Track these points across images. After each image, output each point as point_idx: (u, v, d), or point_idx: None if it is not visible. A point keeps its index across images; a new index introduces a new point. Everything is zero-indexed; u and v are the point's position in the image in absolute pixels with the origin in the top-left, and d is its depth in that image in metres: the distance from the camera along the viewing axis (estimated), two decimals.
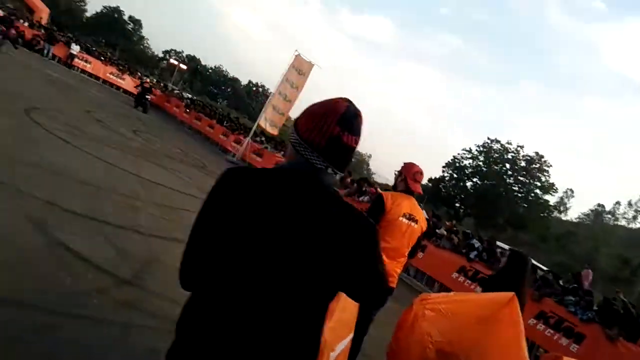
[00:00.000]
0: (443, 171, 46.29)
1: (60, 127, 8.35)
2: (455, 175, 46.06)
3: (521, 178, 43.73)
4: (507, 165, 44.36)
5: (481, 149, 45.80)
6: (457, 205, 44.90)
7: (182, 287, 1.22)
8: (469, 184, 45.60)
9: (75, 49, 24.30)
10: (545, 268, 12.01)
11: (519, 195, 43.56)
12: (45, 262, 3.39)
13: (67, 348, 2.59)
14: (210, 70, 72.64)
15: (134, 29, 65.59)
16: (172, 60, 61.64)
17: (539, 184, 42.88)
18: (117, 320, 3.09)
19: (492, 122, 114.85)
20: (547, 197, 42.87)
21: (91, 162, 7.09)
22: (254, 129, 19.61)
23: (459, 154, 46.89)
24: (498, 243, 12.00)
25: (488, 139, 45.93)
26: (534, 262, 6.87)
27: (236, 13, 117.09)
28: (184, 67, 56.24)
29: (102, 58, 26.84)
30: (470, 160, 46.03)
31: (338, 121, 1.16)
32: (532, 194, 42.94)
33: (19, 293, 2.85)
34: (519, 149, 44.10)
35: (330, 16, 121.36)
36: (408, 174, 3.35)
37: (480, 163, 45.51)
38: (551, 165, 42.86)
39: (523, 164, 43.80)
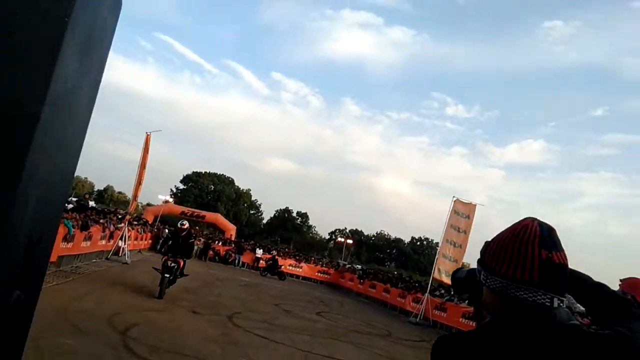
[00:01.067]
0: None
1: (257, 325, 9.11)
2: None
3: None
4: None
5: None
6: None
7: None
8: None
9: (259, 252, 28.01)
10: None
11: None
12: None
13: None
14: (373, 238, 75.79)
15: (302, 222, 74.20)
16: (338, 239, 66.65)
17: None
18: None
19: None
20: None
21: (289, 353, 7.36)
22: (430, 283, 18.87)
23: None
24: None
25: None
26: None
27: (386, 181, 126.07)
28: (350, 242, 59.90)
29: (281, 254, 30.23)
30: None
31: (540, 243, 1.01)
32: None
33: None
34: None
35: (476, 157, 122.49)
36: (638, 292, 2.76)
37: None
38: None
39: None
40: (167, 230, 27.12)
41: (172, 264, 9.85)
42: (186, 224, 10.79)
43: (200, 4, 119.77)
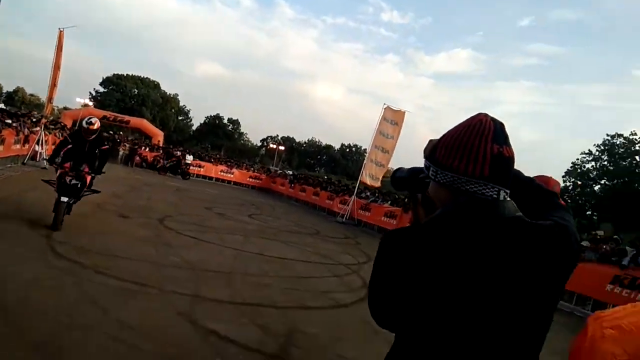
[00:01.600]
0: (564, 180, 42.34)
1: (189, 228, 9.27)
2: (579, 182, 41.82)
3: None
4: (637, 158, 39.26)
5: (602, 147, 41.30)
6: (589, 213, 40.31)
7: (376, 321, 1.17)
8: (597, 187, 40.97)
9: (189, 158, 27.43)
10: None
11: None
12: (201, 351, 3.62)
13: None
14: (304, 145, 76.61)
15: (234, 128, 72.52)
16: (270, 145, 66.65)
17: None
18: None
19: (606, 120, 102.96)
20: None
21: (220, 251, 7.68)
22: (357, 186, 19.89)
23: (577, 159, 42.87)
24: None
25: (607, 135, 41.34)
26: None
27: (319, 89, 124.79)
28: (281, 148, 60.18)
29: (211, 160, 29.87)
30: (593, 163, 41.70)
31: (493, 138, 1.04)
32: None
33: None
34: None
35: (407, 66, 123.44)
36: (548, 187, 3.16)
37: (605, 163, 40.90)
38: None
39: None
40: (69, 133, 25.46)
41: (74, 182, 6.63)
42: (96, 123, 6.90)
43: None
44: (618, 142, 40.93)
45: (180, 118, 69.15)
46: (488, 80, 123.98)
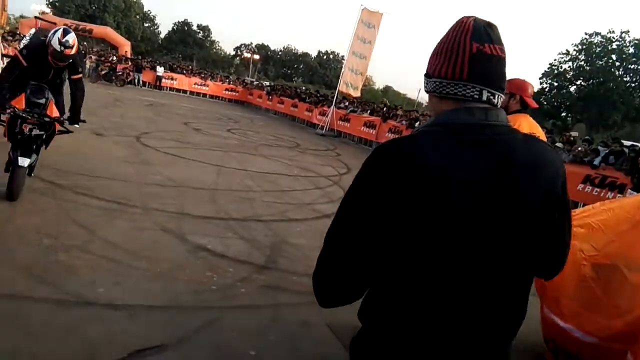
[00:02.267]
0: (541, 82, 42.44)
1: (167, 144, 9.11)
2: (555, 84, 41.96)
3: (632, 66, 38.60)
4: (614, 57, 39.27)
5: (580, 47, 40.89)
6: (564, 114, 41.13)
7: (322, 301, 1.04)
8: (572, 88, 41.36)
9: (160, 70, 26.20)
10: None
11: (633, 85, 38.51)
12: (192, 266, 3.73)
13: (231, 335, 2.83)
14: (280, 53, 73.62)
15: (205, 36, 68.59)
16: (245, 54, 63.75)
17: None
18: (266, 302, 3.33)
19: (584, 18, 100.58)
20: None
21: (202, 168, 7.65)
22: (335, 96, 19.56)
23: (555, 59, 42.67)
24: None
25: (586, 34, 40.75)
26: None
27: None
28: (256, 57, 57.77)
29: (184, 72, 28.61)
30: (570, 63, 41.57)
31: (472, 37, 1.00)
32: None
33: (177, 298, 3.18)
34: (624, 35, 38.97)
35: None
36: (523, 92, 3.18)
37: (582, 63, 40.83)
38: None
39: (631, 50, 38.58)
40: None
41: (36, 132, 4.37)
42: (74, 44, 4.37)
43: None
44: (596, 41, 40.60)
45: (147, 25, 64.74)
46: None
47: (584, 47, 40.76)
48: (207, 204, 5.58)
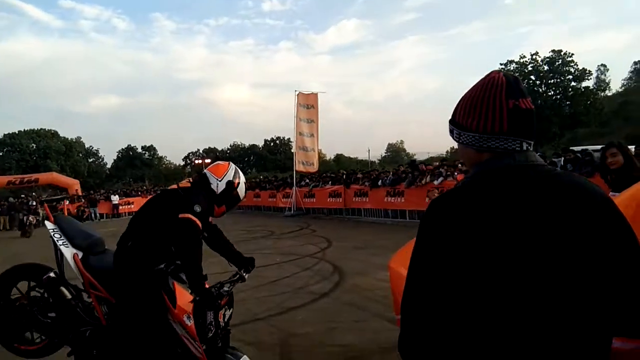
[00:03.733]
0: None
1: None
2: None
3: (552, 81, 42.48)
4: (532, 77, 42.98)
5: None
6: None
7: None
8: None
9: (115, 199, 25.87)
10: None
11: (558, 97, 42.20)
12: None
13: None
14: (228, 151, 75.08)
15: (151, 155, 69.31)
16: (195, 162, 64.55)
17: (570, 77, 41.82)
18: None
19: (495, 51, 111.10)
20: (585, 84, 42.13)
21: None
22: (294, 176, 19.87)
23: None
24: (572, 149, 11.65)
25: (500, 64, 44.57)
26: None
27: (224, 92, 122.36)
28: (207, 161, 58.53)
29: (139, 194, 28.39)
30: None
31: (507, 93, 1.05)
32: (570, 89, 41.76)
33: None
34: (535, 57, 43.25)
35: (302, 48, 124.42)
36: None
37: None
38: (573, 54, 41.98)
39: (546, 67, 42.67)
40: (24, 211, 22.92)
41: (228, 313, 2.95)
42: None
43: None
44: (512, 68, 44.24)
45: (91, 160, 64.91)
46: (379, 44, 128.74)
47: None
48: None
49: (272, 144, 75.00)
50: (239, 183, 2.91)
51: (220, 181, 2.83)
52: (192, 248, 2.53)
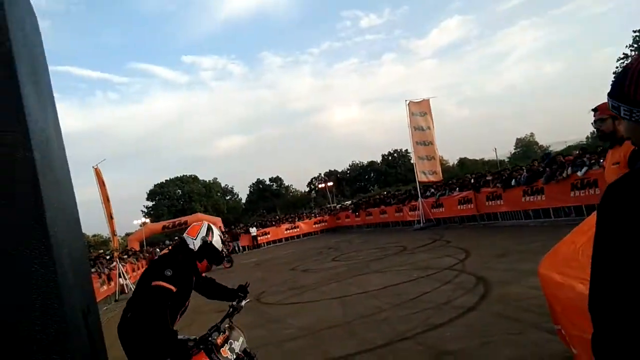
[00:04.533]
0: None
1: (285, 295, 9.26)
2: None
3: None
4: None
5: (636, 45, 38.64)
6: None
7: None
8: None
9: (253, 231, 28.04)
10: None
11: None
12: None
13: None
14: (348, 171, 76.69)
15: (279, 185, 74.22)
16: (319, 186, 67.26)
17: None
18: None
19: (625, 19, 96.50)
20: None
21: (326, 305, 7.55)
22: (418, 187, 19.43)
23: (616, 67, 40.27)
24: None
25: (634, 32, 38.69)
26: None
27: (335, 114, 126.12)
28: (330, 184, 60.58)
29: (273, 224, 30.37)
30: None
31: None
32: None
33: None
34: None
35: (406, 57, 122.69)
36: None
37: None
38: None
39: None
40: (158, 250, 26.72)
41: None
42: None
43: (70, 21, 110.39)
44: None
45: (228, 198, 71.53)
46: (486, 36, 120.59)
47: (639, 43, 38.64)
48: (347, 340, 5.35)
49: (390, 157, 74.75)
50: (212, 237, 3.11)
51: (195, 240, 3.05)
52: (158, 313, 2.68)
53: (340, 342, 5.34)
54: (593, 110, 3.12)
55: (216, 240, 3.12)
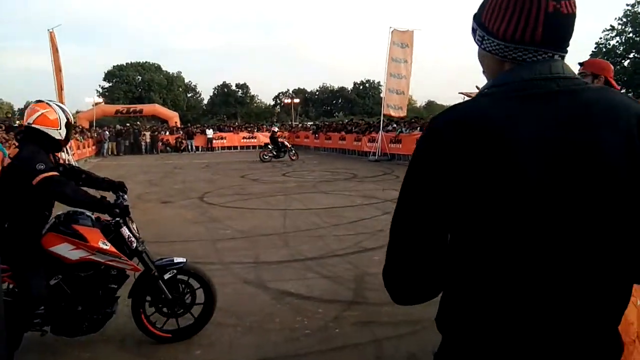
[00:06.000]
0: None
1: (230, 199, 9.32)
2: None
3: None
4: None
5: (624, 19, 38.61)
6: (624, 90, 38.58)
7: (396, 297, 0.92)
8: (626, 63, 38.92)
9: (210, 133, 27.51)
10: None
11: None
12: (280, 313, 3.61)
13: None
14: (317, 93, 75.29)
15: (244, 93, 71.81)
16: (284, 101, 65.82)
17: None
18: (365, 339, 3.12)
19: None
20: None
21: (268, 214, 7.68)
22: (381, 120, 19.45)
23: (600, 37, 40.47)
24: None
25: (627, 5, 38.43)
26: None
27: (315, 32, 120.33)
28: (296, 101, 59.40)
29: (232, 130, 29.84)
30: (618, 38, 39.28)
31: None
32: None
33: (274, 348, 3.05)
34: None
35: None
36: (608, 73, 2.88)
37: (630, 35, 38.46)
38: None
39: None
40: (107, 133, 25.70)
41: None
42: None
43: None
44: None
45: (190, 95, 68.88)
46: None
47: (629, 18, 38.55)
48: (280, 249, 5.52)
49: (361, 87, 73.69)
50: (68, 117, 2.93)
51: (60, 130, 2.83)
52: (65, 192, 2.66)
53: (274, 249, 5.50)
54: (579, 63, 3.17)
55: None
